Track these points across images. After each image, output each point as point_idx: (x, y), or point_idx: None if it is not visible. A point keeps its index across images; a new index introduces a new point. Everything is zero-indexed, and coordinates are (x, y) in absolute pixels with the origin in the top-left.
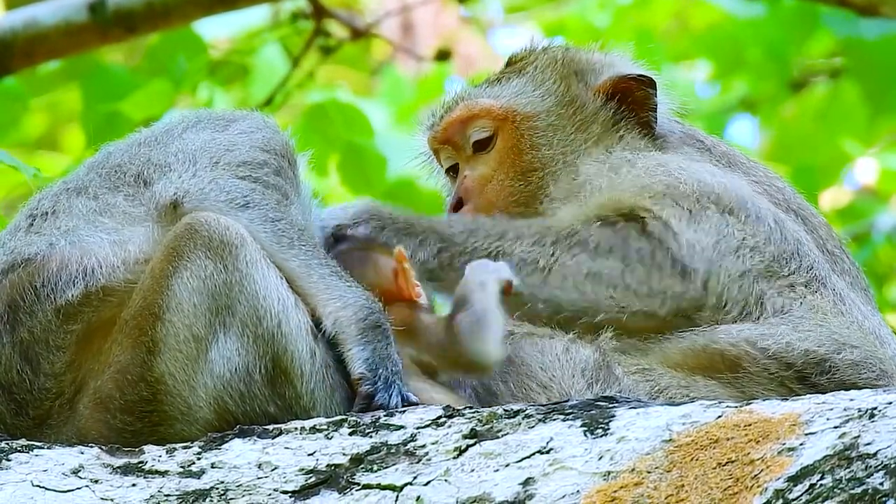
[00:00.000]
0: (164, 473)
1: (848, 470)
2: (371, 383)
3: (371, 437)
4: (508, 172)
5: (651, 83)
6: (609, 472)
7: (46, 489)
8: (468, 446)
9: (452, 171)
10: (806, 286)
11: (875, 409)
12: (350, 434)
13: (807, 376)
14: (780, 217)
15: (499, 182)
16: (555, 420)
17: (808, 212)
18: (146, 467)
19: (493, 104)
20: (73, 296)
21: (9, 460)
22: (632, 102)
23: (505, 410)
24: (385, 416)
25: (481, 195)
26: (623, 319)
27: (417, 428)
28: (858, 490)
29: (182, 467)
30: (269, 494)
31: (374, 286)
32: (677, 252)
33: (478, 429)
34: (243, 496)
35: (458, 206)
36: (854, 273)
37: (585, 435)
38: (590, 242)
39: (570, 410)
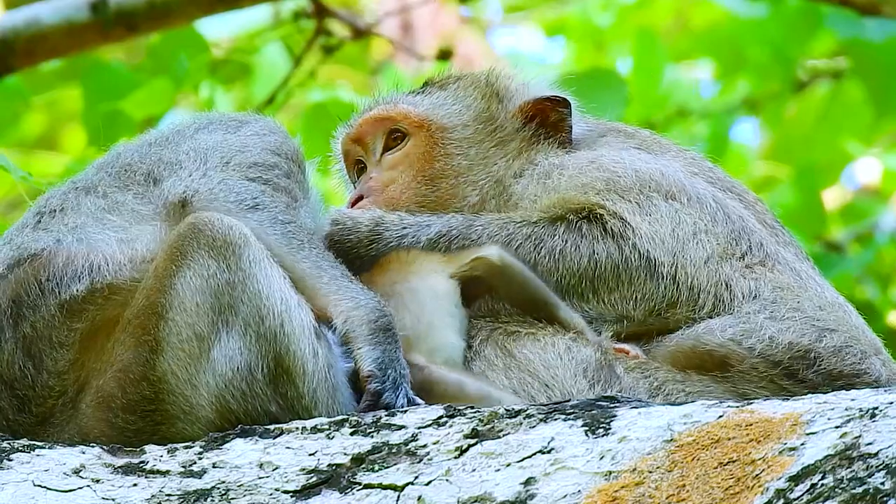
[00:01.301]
0: (165, 473)
1: (849, 470)
2: (380, 381)
3: (372, 436)
4: (416, 176)
5: (566, 104)
6: (610, 472)
7: (48, 489)
8: (469, 446)
9: (361, 174)
10: (762, 264)
11: (876, 408)
12: (351, 434)
13: (794, 372)
14: (718, 196)
15: (404, 183)
16: (556, 420)
17: (740, 188)
18: (147, 467)
19: (411, 110)
20: (77, 291)
21: (10, 460)
22: (548, 124)
23: (506, 410)
24: (386, 415)
25: (383, 193)
26: (602, 325)
27: (419, 428)
28: (859, 490)
29: (183, 467)
30: (271, 494)
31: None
32: (641, 247)
33: (479, 428)
34: (244, 496)
35: (356, 202)
36: (795, 244)
37: (587, 435)
38: (555, 250)
39: (572, 410)
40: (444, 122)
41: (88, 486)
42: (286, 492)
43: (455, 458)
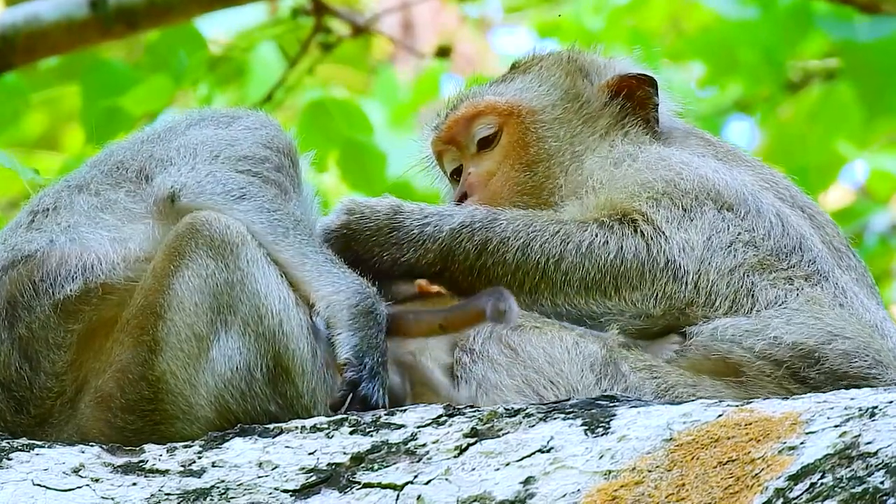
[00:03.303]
0: (164, 472)
1: (848, 469)
2: (356, 370)
3: (372, 435)
4: (514, 165)
5: (653, 83)
6: (610, 471)
7: (47, 488)
8: (469, 445)
9: (456, 174)
10: (806, 279)
11: (876, 407)
12: (351, 433)
13: (797, 371)
14: (783, 212)
15: (504, 174)
16: (555, 419)
17: (813, 209)
18: (147, 466)
19: (498, 100)
20: (71, 291)
21: (9, 459)
22: (635, 101)
23: (506, 409)
24: (386, 414)
25: (486, 188)
26: (622, 321)
27: (418, 427)
28: (859, 489)
29: (183, 466)
30: (270, 493)
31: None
32: (669, 253)
33: (478, 428)
34: (244, 495)
35: (462, 200)
36: (860, 270)
37: (586, 434)
38: (583, 245)
39: (571, 409)
40: (532, 105)
41: (88, 485)
42: (285, 491)
43: (454, 457)
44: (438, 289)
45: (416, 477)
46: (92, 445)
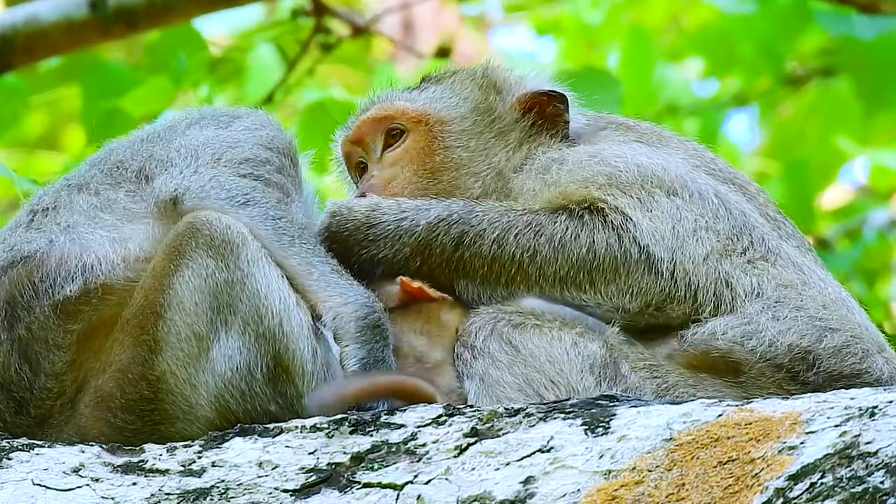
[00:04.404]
0: (164, 472)
1: (848, 468)
2: None
3: (372, 435)
4: (417, 171)
5: (563, 99)
6: (610, 471)
7: (47, 488)
8: (469, 445)
9: (362, 174)
10: (764, 259)
11: (876, 407)
12: (351, 433)
13: (796, 374)
14: (720, 190)
15: (405, 179)
16: (555, 419)
17: (743, 180)
18: (147, 466)
19: (408, 106)
20: (71, 291)
21: (9, 459)
22: (545, 117)
23: (506, 409)
24: (386, 414)
25: (385, 191)
26: (599, 314)
27: (418, 426)
28: (859, 489)
29: (183, 466)
30: (270, 493)
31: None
32: (642, 242)
33: (478, 427)
34: (244, 495)
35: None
36: (798, 236)
37: (586, 434)
38: (555, 238)
39: (571, 409)
40: (442, 115)
41: (88, 484)
42: (285, 490)
43: (454, 456)
44: (420, 284)
45: (416, 477)
46: (92, 445)
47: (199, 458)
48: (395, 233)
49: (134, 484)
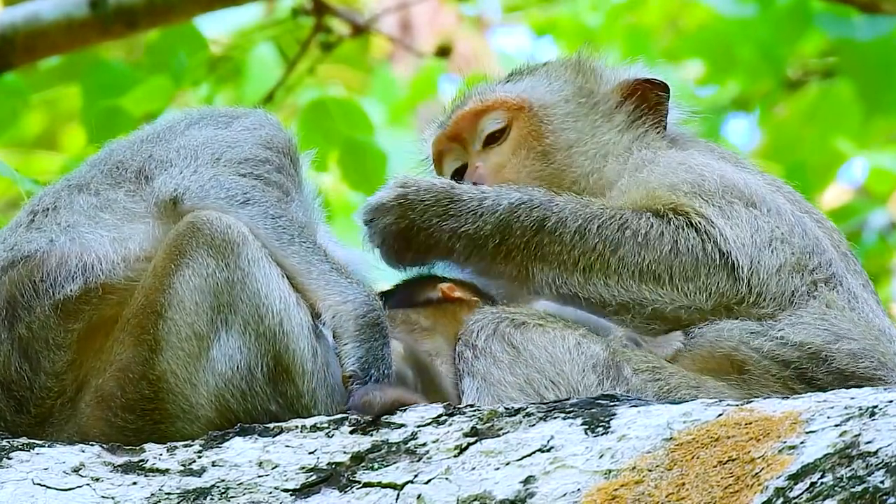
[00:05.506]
0: (164, 472)
1: (849, 468)
2: (361, 383)
3: (372, 435)
4: (529, 154)
5: (665, 88)
6: (610, 471)
7: (47, 487)
8: (469, 444)
9: (457, 174)
10: (826, 283)
11: (876, 407)
12: (351, 432)
13: (805, 371)
14: (797, 213)
15: (516, 164)
16: (555, 418)
17: (818, 215)
18: (147, 465)
19: (508, 95)
20: (71, 291)
21: (9, 458)
22: (646, 105)
23: (506, 408)
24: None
25: (496, 178)
26: (666, 312)
27: (418, 426)
28: (859, 488)
29: (183, 465)
30: (270, 493)
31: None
32: (724, 247)
33: (478, 427)
34: (244, 494)
35: None
36: (864, 276)
37: (586, 433)
38: (639, 233)
39: (571, 409)
40: (545, 100)
41: (88, 484)
42: (286, 490)
43: (454, 456)
44: (461, 294)
45: (416, 476)
46: (92, 445)
47: (200, 457)
48: (477, 209)
49: (134, 483)
